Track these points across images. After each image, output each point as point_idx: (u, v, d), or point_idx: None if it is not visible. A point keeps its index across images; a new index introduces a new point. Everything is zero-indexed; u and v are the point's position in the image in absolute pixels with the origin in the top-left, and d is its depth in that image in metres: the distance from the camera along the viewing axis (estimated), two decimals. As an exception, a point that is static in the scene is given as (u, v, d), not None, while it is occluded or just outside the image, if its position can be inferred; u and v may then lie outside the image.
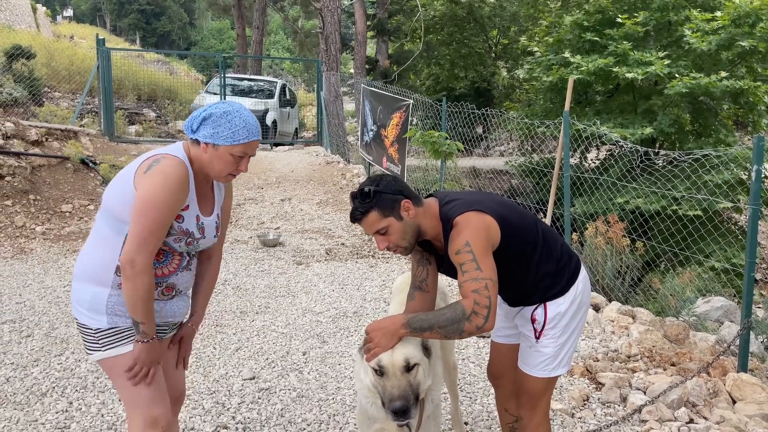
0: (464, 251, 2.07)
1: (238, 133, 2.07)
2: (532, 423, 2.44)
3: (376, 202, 2.13)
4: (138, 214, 1.97)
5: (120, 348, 2.10)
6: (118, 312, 2.08)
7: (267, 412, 3.47)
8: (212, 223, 2.22)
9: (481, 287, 2.03)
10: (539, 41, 12.95)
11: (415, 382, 2.08)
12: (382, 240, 2.18)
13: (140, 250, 1.97)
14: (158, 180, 1.97)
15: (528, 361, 2.38)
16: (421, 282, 2.35)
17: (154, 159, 2.03)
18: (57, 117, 11.29)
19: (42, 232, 7.06)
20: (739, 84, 9.12)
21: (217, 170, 2.11)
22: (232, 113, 2.08)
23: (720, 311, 5.59)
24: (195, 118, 2.10)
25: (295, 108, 17.84)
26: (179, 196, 2.02)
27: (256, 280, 5.83)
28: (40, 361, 4.03)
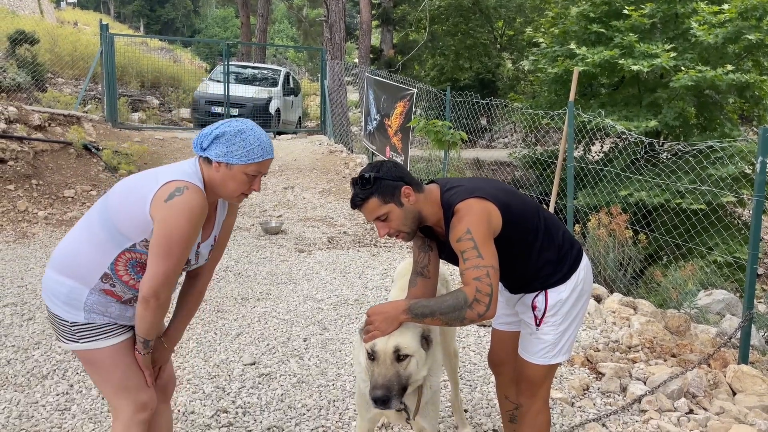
0: (465, 239, 2.06)
1: (253, 152, 2.02)
2: (532, 410, 2.44)
3: (377, 189, 2.12)
4: (164, 251, 1.93)
5: (99, 342, 2.07)
6: (96, 310, 2.05)
7: (267, 397, 3.48)
8: (207, 246, 2.18)
9: (483, 275, 2.02)
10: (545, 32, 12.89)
11: (404, 373, 2.06)
12: (383, 226, 2.17)
13: (165, 284, 1.97)
14: (185, 216, 1.93)
15: (528, 349, 2.38)
16: (423, 268, 2.34)
17: (176, 188, 1.95)
18: (60, 103, 11.28)
19: (44, 217, 7.07)
20: (745, 78, 9.07)
21: (230, 190, 2.06)
22: (246, 131, 2.03)
23: (721, 304, 5.58)
24: (206, 136, 2.04)
25: (299, 97, 17.79)
26: (200, 226, 2.01)
27: (257, 266, 5.83)
28: (41, 344, 4.04)
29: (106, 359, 2.09)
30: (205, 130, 2.05)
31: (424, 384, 2.22)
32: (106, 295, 2.06)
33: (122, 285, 2.06)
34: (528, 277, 2.31)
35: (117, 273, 2.03)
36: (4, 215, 6.94)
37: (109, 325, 2.08)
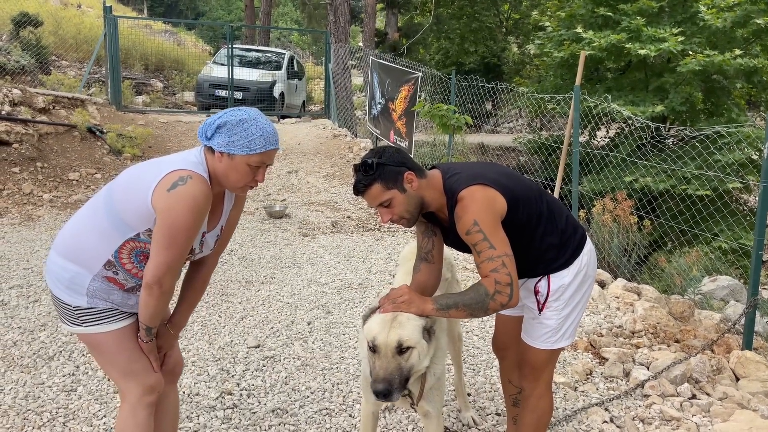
0: (474, 231, 2.06)
1: (255, 142, 1.97)
2: (534, 394, 2.45)
3: (379, 175, 2.11)
4: (168, 240, 1.92)
5: (101, 326, 2.07)
6: (98, 296, 2.05)
7: (271, 379, 3.50)
8: (213, 236, 2.17)
9: (499, 265, 2.03)
10: (551, 16, 12.78)
11: (406, 366, 2.06)
12: (386, 212, 2.17)
13: (168, 273, 1.96)
14: (188, 205, 1.90)
15: (531, 333, 2.38)
16: (427, 254, 2.35)
17: (179, 177, 1.92)
18: (64, 85, 11.26)
19: (49, 200, 7.09)
20: (753, 63, 8.98)
21: (233, 181, 2.02)
22: (248, 120, 1.98)
23: (726, 290, 5.58)
24: (209, 125, 2.00)
25: (303, 80, 17.71)
26: (205, 216, 1.99)
27: (261, 250, 5.85)
28: (47, 325, 4.07)
29: (110, 343, 2.09)
30: (210, 119, 2.01)
31: (427, 370, 2.22)
32: (108, 282, 2.05)
33: (125, 273, 2.05)
34: (531, 262, 2.30)
35: (120, 261, 2.03)
36: (9, 198, 6.96)
37: (112, 311, 2.08)
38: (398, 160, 2.14)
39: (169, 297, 2.03)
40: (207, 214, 2.00)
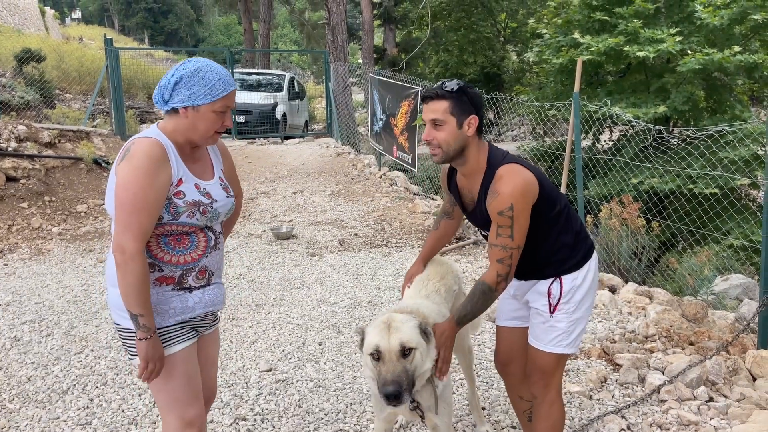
0: (506, 215, 2.14)
1: (216, 88, 2.00)
2: (546, 400, 2.45)
3: (455, 98, 2.17)
4: (117, 201, 1.94)
5: (165, 350, 2.06)
6: (160, 311, 2.04)
7: (285, 403, 3.49)
8: (216, 185, 2.15)
9: (506, 256, 2.18)
10: (548, 23, 12.79)
11: (411, 367, 2.09)
12: (431, 132, 2.21)
13: (125, 233, 1.91)
14: (129, 164, 1.93)
15: (541, 337, 2.39)
16: (449, 211, 2.63)
17: (126, 148, 1.98)
18: (69, 118, 11.39)
19: (58, 233, 7.14)
20: (753, 58, 8.94)
21: (202, 131, 2.04)
22: (202, 69, 2.00)
23: (739, 289, 5.52)
24: (165, 87, 2.00)
25: (305, 100, 17.83)
26: (154, 174, 1.94)
27: (270, 273, 5.86)
28: (61, 359, 4.09)
29: (167, 367, 2.07)
30: (162, 82, 2.01)
31: (433, 378, 2.23)
32: (161, 284, 2.04)
33: (167, 265, 2.05)
34: (543, 257, 2.34)
35: (156, 256, 2.04)
36: (19, 233, 7.02)
37: (175, 329, 2.07)
38: (476, 103, 2.21)
39: (137, 264, 1.92)
40: (160, 171, 1.95)
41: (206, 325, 2.24)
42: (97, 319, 4.76)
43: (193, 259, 2.09)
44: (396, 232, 7.24)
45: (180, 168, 2.04)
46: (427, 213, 7.93)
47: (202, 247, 2.11)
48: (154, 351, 2.00)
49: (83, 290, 5.43)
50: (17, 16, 24.22)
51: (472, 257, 6.28)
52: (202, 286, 2.14)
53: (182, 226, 2.04)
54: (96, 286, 5.51)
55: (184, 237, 2.06)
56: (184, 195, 2.03)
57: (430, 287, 2.63)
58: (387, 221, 7.69)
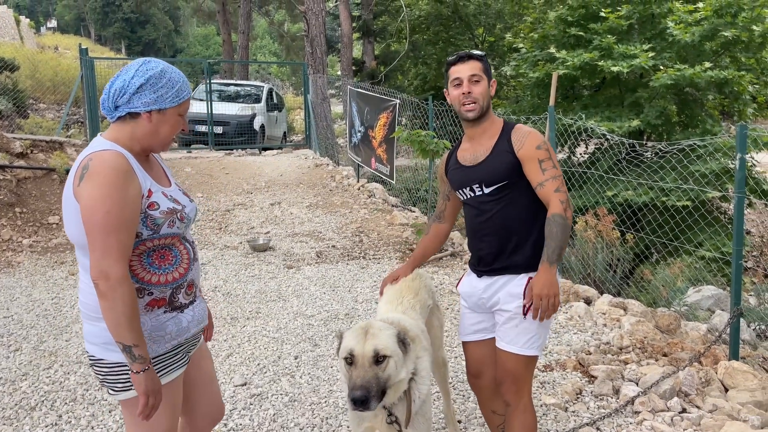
0: (543, 148, 2.37)
1: (182, 90, 1.92)
2: (520, 407, 2.46)
3: (484, 62, 2.47)
4: (87, 224, 1.78)
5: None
6: (155, 338, 1.93)
7: (259, 417, 3.44)
8: (177, 191, 2.05)
9: (560, 184, 2.35)
10: (524, 38, 12.97)
11: (383, 375, 2.07)
12: (469, 86, 2.42)
13: (105, 257, 1.76)
14: (93, 182, 1.78)
15: (515, 341, 2.40)
16: (441, 212, 2.76)
17: (83, 166, 1.82)
18: (42, 128, 11.22)
19: (29, 245, 7.00)
20: (723, 74, 9.17)
21: (164, 136, 1.94)
22: (168, 71, 1.91)
23: (711, 300, 5.61)
24: (123, 91, 1.86)
25: (283, 112, 17.80)
26: (124, 188, 1.80)
27: (246, 285, 5.80)
28: (29, 375, 3.99)
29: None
30: (116, 86, 1.86)
31: (411, 392, 2.21)
32: (153, 309, 1.92)
33: (156, 287, 1.93)
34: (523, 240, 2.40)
35: (143, 279, 1.90)
36: (-11, 245, 6.87)
37: (168, 357, 1.96)
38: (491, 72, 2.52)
39: (125, 290, 1.77)
40: (129, 183, 1.81)
41: (195, 343, 2.15)
42: (67, 334, 4.66)
43: (180, 275, 1.98)
44: (374, 244, 7.23)
45: (145, 178, 1.91)
46: (405, 225, 7.93)
47: (186, 260, 2.00)
48: (153, 383, 1.85)
49: (54, 304, 5.32)
50: (-9, 25, 23.88)
51: (450, 269, 6.29)
52: (191, 302, 2.03)
53: (164, 238, 1.92)
54: (67, 300, 5.41)
55: (166, 252, 1.95)
56: (158, 206, 1.91)
57: (405, 303, 2.62)
58: (365, 233, 7.68)
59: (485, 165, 2.43)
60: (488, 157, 2.43)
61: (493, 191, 2.42)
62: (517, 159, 2.37)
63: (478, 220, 2.48)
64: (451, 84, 2.46)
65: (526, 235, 2.40)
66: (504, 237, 2.41)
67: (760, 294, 5.84)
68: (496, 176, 2.39)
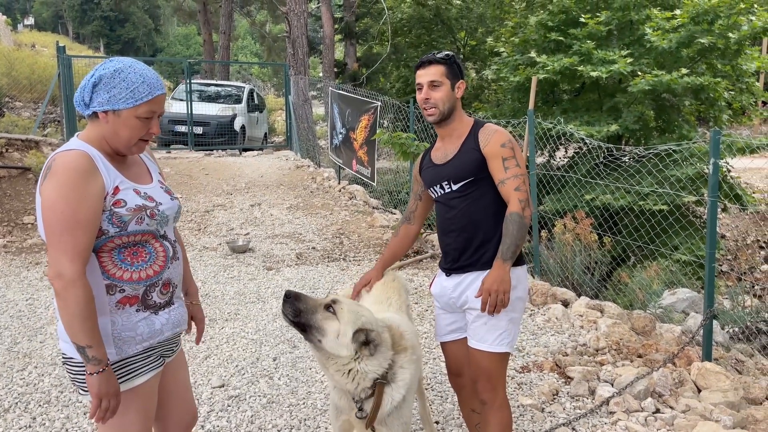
0: (508, 146, 2.41)
1: (138, 91, 1.83)
2: (496, 405, 2.48)
3: (448, 64, 2.48)
4: (45, 224, 1.77)
5: (125, 383, 1.90)
6: (125, 338, 1.89)
7: (237, 419, 3.43)
8: (157, 188, 2.02)
9: (521, 183, 2.39)
10: (505, 42, 13.08)
11: (316, 318, 2.17)
12: (429, 93, 2.46)
13: (60, 256, 1.74)
14: (51, 182, 1.77)
15: (485, 338, 2.43)
16: (411, 214, 2.80)
17: (48, 166, 1.81)
18: (18, 127, 11.04)
19: (3, 245, 6.89)
20: (699, 80, 9.31)
21: (125, 139, 1.87)
22: (124, 70, 1.83)
23: (686, 302, 5.70)
24: (84, 88, 1.83)
25: (264, 113, 17.72)
26: (82, 187, 1.77)
27: (225, 287, 5.77)
28: (2, 376, 3.93)
29: (123, 404, 1.89)
30: (83, 83, 1.84)
31: (384, 392, 2.22)
32: (125, 307, 1.88)
33: (128, 283, 1.89)
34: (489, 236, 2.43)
35: (114, 275, 1.87)
36: (-39, 245, 6.74)
37: (140, 359, 1.93)
38: (461, 72, 2.53)
39: (78, 290, 1.74)
40: (88, 183, 1.78)
41: (172, 348, 2.10)
42: (41, 335, 4.60)
43: (155, 272, 1.94)
44: (354, 245, 7.23)
45: (113, 176, 1.87)
46: (386, 227, 7.94)
47: (161, 257, 1.96)
48: (108, 386, 1.81)
49: (28, 305, 5.24)
50: (-34, 21, 23.46)
51: (429, 271, 6.31)
52: (167, 303, 1.99)
53: (133, 235, 1.88)
54: (42, 301, 5.33)
55: (139, 249, 1.91)
56: (125, 203, 1.87)
57: (394, 304, 2.68)
58: (345, 235, 7.67)
59: (453, 162, 2.48)
60: (456, 154, 2.48)
61: (460, 188, 2.47)
62: (483, 156, 2.41)
63: (447, 216, 2.54)
64: (417, 87, 2.52)
65: (492, 232, 2.43)
66: (471, 232, 2.46)
67: (734, 297, 5.95)
68: (463, 173, 2.44)
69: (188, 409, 2.27)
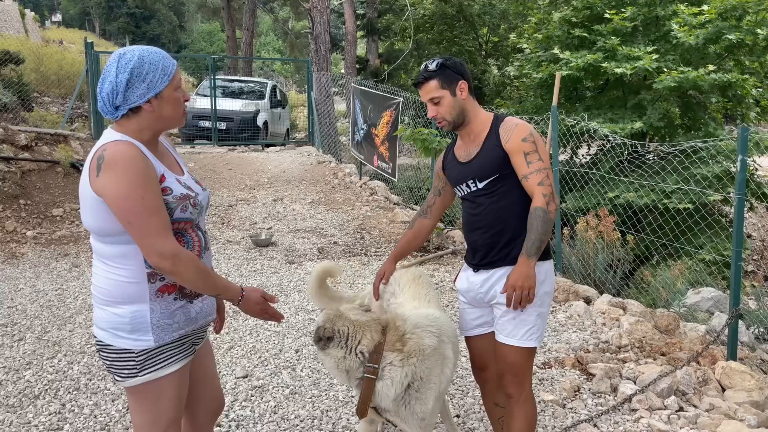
0: (529, 140, 2.36)
1: (167, 66, 1.92)
2: (522, 399, 2.49)
3: (439, 74, 2.40)
4: (125, 214, 1.80)
5: (161, 370, 1.96)
6: (163, 326, 1.93)
7: (260, 409, 3.48)
8: (190, 179, 2.08)
9: (544, 177, 2.33)
10: (528, 38, 12.99)
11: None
12: (433, 109, 2.44)
13: (155, 238, 1.81)
14: (115, 172, 1.80)
15: (513, 333, 2.43)
16: (428, 208, 2.75)
17: (98, 158, 1.84)
18: (47, 122, 11.25)
19: (33, 237, 7.04)
20: (727, 77, 9.17)
21: (171, 114, 1.95)
22: (144, 55, 1.89)
23: (710, 302, 5.63)
24: (115, 93, 1.86)
25: (286, 109, 17.83)
26: (144, 172, 1.83)
27: (248, 279, 5.84)
28: (33, 364, 4.03)
29: (157, 390, 1.97)
30: (106, 90, 1.86)
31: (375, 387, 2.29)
32: (164, 295, 1.94)
33: None
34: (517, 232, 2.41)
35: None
36: (-7, 236, 6.91)
37: (173, 347, 1.98)
38: (459, 70, 2.42)
39: (184, 259, 1.85)
40: (146, 167, 1.84)
41: (202, 337, 2.16)
42: (71, 324, 4.70)
43: None
44: (375, 241, 7.26)
45: (157, 164, 1.93)
46: (407, 222, 7.97)
47: (197, 247, 2.01)
48: (253, 304, 2.05)
49: (57, 295, 5.36)
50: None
51: (450, 267, 6.32)
52: (201, 293, 2.04)
53: (177, 222, 1.93)
54: (70, 291, 5.45)
55: (179, 238, 1.95)
56: (171, 191, 1.93)
57: (432, 301, 2.70)
58: (366, 230, 7.71)
59: (477, 161, 2.45)
60: (479, 152, 2.45)
61: (486, 185, 2.44)
62: (505, 152, 2.38)
63: (473, 213, 2.52)
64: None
65: (520, 228, 2.40)
66: (498, 229, 2.43)
67: (760, 297, 5.87)
68: (487, 171, 2.42)
69: (216, 396, 2.32)
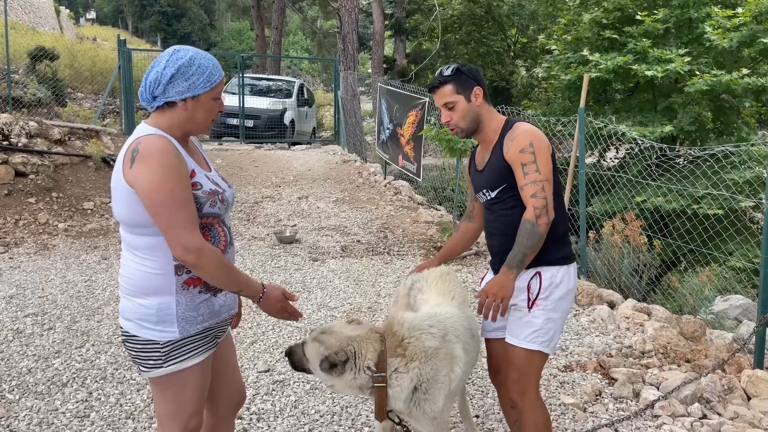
0: (528, 151, 2.30)
1: (213, 74, 1.95)
2: (526, 405, 2.44)
3: (455, 79, 2.40)
4: (154, 206, 1.83)
5: (185, 362, 2.00)
6: (188, 318, 1.97)
7: (281, 403, 3.52)
8: (217, 176, 2.11)
9: (538, 189, 2.28)
10: (557, 39, 12.87)
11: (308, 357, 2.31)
12: (447, 114, 2.43)
13: (181, 231, 1.84)
14: (148, 164, 1.84)
15: (518, 333, 2.42)
16: (470, 213, 2.80)
17: (132, 150, 1.88)
18: (80, 117, 11.50)
19: (64, 229, 7.21)
20: (761, 81, 8.98)
21: (201, 121, 1.99)
22: (197, 57, 1.93)
23: (739, 309, 5.53)
24: (156, 82, 1.91)
25: (313, 107, 17.95)
26: (178, 165, 1.87)
27: (272, 276, 5.90)
28: (62, 352, 4.13)
29: (181, 381, 2.01)
30: (151, 77, 1.92)
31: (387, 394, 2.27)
32: (189, 287, 1.97)
33: None
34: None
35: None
36: (26, 227, 7.09)
37: (197, 339, 2.02)
38: (475, 76, 2.42)
39: (208, 254, 1.87)
40: (178, 162, 1.88)
41: (224, 329, 2.20)
42: (99, 315, 4.81)
43: None
44: (398, 240, 7.28)
45: (188, 159, 1.97)
46: (431, 222, 7.96)
47: (223, 241, 2.05)
48: (273, 302, 2.09)
49: (86, 286, 5.48)
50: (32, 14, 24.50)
51: (474, 267, 6.31)
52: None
53: (205, 217, 1.97)
54: (99, 283, 5.57)
55: (205, 232, 1.98)
56: (201, 186, 1.96)
57: (458, 297, 2.69)
58: (390, 229, 7.73)
59: (487, 170, 2.46)
60: (488, 161, 2.45)
61: (497, 194, 2.44)
62: (507, 162, 2.36)
63: (490, 219, 2.54)
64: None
65: None
66: (511, 236, 2.39)
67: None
68: (496, 181, 2.42)
69: (238, 389, 2.36)
